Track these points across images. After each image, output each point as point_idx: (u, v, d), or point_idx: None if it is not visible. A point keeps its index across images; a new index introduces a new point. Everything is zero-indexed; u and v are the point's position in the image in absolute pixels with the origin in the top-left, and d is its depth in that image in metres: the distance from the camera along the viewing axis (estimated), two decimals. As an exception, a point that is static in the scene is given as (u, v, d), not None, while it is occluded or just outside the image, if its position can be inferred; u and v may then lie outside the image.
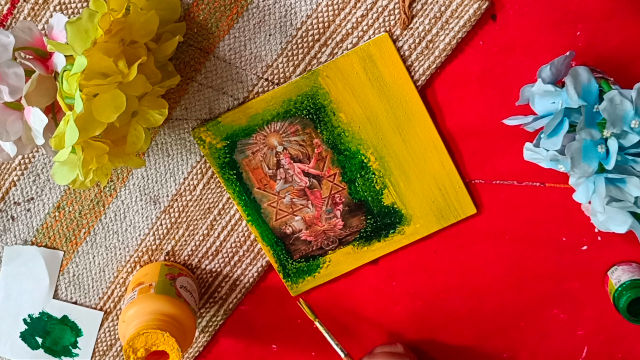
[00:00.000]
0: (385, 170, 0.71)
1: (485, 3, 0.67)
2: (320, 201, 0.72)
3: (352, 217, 0.73)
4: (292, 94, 0.68)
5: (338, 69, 0.67)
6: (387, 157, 0.70)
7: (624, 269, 0.74)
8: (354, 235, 0.73)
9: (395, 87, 0.68)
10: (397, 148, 0.70)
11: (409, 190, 0.71)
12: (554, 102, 0.63)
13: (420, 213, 0.72)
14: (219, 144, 0.70)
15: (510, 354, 0.80)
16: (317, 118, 0.69)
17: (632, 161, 0.61)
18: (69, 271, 0.75)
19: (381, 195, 0.72)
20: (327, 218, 0.72)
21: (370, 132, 0.69)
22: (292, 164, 0.70)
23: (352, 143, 0.70)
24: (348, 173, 0.71)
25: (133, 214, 0.74)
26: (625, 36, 0.68)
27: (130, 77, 0.57)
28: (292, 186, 0.71)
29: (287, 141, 0.70)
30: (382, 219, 0.73)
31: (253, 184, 0.71)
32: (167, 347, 0.66)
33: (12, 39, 0.58)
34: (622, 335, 0.79)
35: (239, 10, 0.67)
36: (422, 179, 0.71)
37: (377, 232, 0.73)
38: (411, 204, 0.72)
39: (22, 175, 0.72)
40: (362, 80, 0.68)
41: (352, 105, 0.69)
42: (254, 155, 0.70)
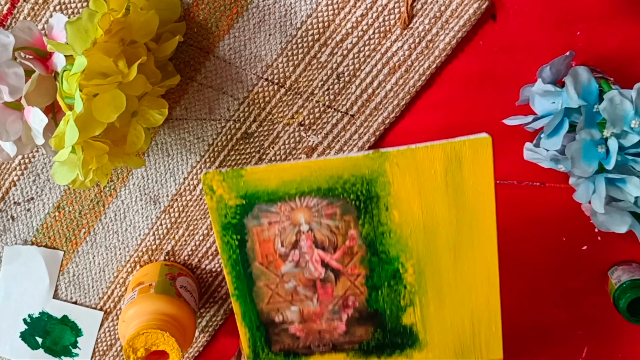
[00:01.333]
0: (419, 287, 0.59)
1: (485, 3, 0.67)
2: (329, 299, 0.61)
3: (359, 325, 0.61)
4: (345, 172, 0.56)
5: (414, 160, 0.55)
6: (428, 274, 0.59)
7: (624, 269, 0.74)
8: (352, 345, 0.62)
9: (472, 203, 0.56)
10: (444, 267, 0.59)
11: (438, 315, 0.60)
12: (554, 102, 0.63)
13: (439, 343, 0.61)
14: (232, 201, 0.57)
15: (511, 354, 0.80)
16: (365, 208, 0.57)
17: (632, 161, 0.61)
18: (69, 271, 0.75)
19: (403, 312, 0.60)
20: (329, 319, 0.61)
21: (421, 241, 0.58)
22: (312, 249, 0.59)
23: (394, 247, 0.58)
24: (375, 278, 0.59)
25: (133, 213, 0.74)
26: (625, 36, 0.68)
27: (130, 77, 0.57)
28: (302, 273, 0.60)
29: (316, 222, 0.58)
30: (393, 337, 0.62)
31: (255, 256, 0.59)
32: (167, 347, 0.66)
33: (12, 39, 0.58)
34: (622, 335, 0.79)
35: (239, 10, 0.67)
36: (458, 309, 0.60)
37: (381, 349, 0.62)
38: (433, 331, 0.61)
39: (22, 175, 0.72)
40: (438, 183, 0.56)
41: (412, 206, 0.57)
42: (269, 226, 0.58)
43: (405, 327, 0.61)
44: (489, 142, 0.54)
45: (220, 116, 0.71)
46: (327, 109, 0.71)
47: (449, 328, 0.61)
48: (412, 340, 0.61)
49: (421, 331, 0.61)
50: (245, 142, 0.72)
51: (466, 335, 0.61)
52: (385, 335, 0.61)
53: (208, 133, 0.71)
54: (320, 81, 0.70)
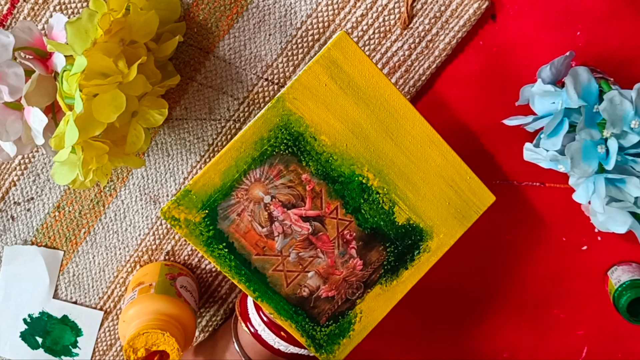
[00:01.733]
0: (388, 185, 0.62)
1: (485, 3, 0.67)
2: (330, 245, 0.62)
3: (369, 251, 0.63)
4: (263, 131, 0.59)
5: (304, 87, 0.59)
6: (386, 169, 0.62)
7: (624, 269, 0.74)
8: (378, 272, 0.64)
9: (370, 88, 0.60)
10: (393, 155, 0.62)
11: (420, 198, 0.63)
12: (554, 102, 0.63)
13: (440, 220, 0.64)
14: (197, 217, 0.59)
15: (510, 354, 0.81)
16: (299, 150, 0.60)
17: (632, 161, 0.61)
18: (69, 271, 0.75)
19: (392, 215, 0.63)
20: (343, 262, 0.63)
21: (360, 146, 0.61)
22: (286, 213, 0.61)
23: (344, 166, 0.61)
24: (350, 202, 0.62)
25: (133, 213, 0.74)
26: (625, 36, 0.68)
27: (130, 77, 0.57)
28: (294, 238, 0.62)
29: (273, 188, 0.60)
30: (402, 241, 0.64)
31: (250, 251, 0.61)
32: (167, 347, 0.66)
33: (12, 39, 0.58)
34: (622, 335, 0.79)
35: (239, 10, 0.67)
36: (429, 181, 0.63)
37: (402, 259, 0.64)
38: (427, 214, 0.64)
39: (22, 175, 0.72)
40: (334, 91, 0.59)
41: (331, 123, 0.60)
42: (240, 218, 0.60)
43: (405, 226, 0.63)
44: (346, 35, 0.58)
45: (220, 116, 0.71)
46: (327, 109, 0.71)
47: (437, 202, 0.64)
48: (418, 232, 0.64)
49: (419, 220, 0.64)
50: (245, 142, 0.72)
51: (454, 199, 0.64)
52: (395, 244, 0.64)
53: (208, 133, 0.71)
54: (320, 81, 0.70)
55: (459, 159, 0.63)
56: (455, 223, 0.64)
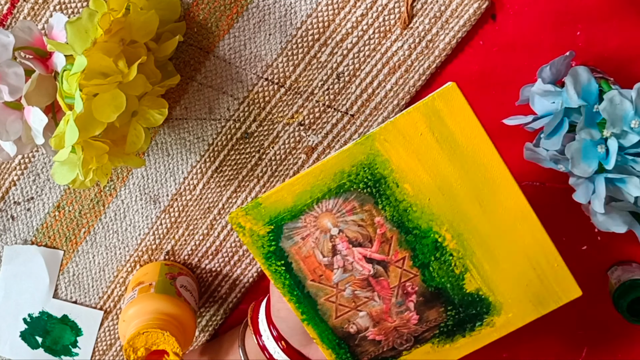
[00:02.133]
0: (465, 250, 0.59)
1: (485, 3, 0.67)
2: (388, 292, 0.60)
3: (428, 309, 0.60)
4: (345, 165, 0.57)
5: (398, 130, 0.56)
6: (467, 234, 0.58)
7: (624, 269, 0.74)
8: (432, 332, 0.61)
9: (470, 148, 0.56)
10: (478, 222, 0.58)
11: (497, 272, 0.59)
12: (553, 102, 0.63)
13: (512, 300, 0.60)
14: (262, 230, 0.58)
15: (510, 354, 0.80)
16: (377, 192, 0.57)
17: (632, 161, 0.61)
18: (68, 270, 0.75)
19: (462, 280, 0.60)
20: (398, 312, 0.61)
21: (444, 204, 0.57)
22: (350, 249, 0.59)
23: (422, 219, 0.58)
24: (420, 256, 0.59)
25: (133, 213, 0.74)
26: (625, 36, 0.68)
27: (130, 77, 0.57)
28: (353, 275, 0.60)
29: (342, 222, 0.58)
30: (466, 309, 0.60)
31: (306, 275, 0.60)
32: (167, 347, 0.66)
33: (12, 39, 0.58)
34: (622, 335, 0.79)
35: (239, 10, 0.67)
36: (512, 258, 0.59)
37: (461, 326, 0.61)
38: (500, 290, 0.60)
39: (22, 175, 0.72)
40: (429, 143, 0.56)
41: (418, 174, 0.57)
42: (304, 242, 0.59)
43: (472, 295, 0.60)
44: (455, 87, 0.55)
45: (220, 116, 0.71)
46: (327, 109, 0.71)
47: (514, 281, 0.60)
48: (486, 305, 0.60)
49: (489, 294, 0.60)
50: (245, 141, 0.72)
51: (534, 282, 0.60)
52: (457, 310, 0.61)
53: (208, 133, 0.71)
54: (320, 81, 0.70)
55: (550, 243, 0.59)
56: (530, 307, 0.60)
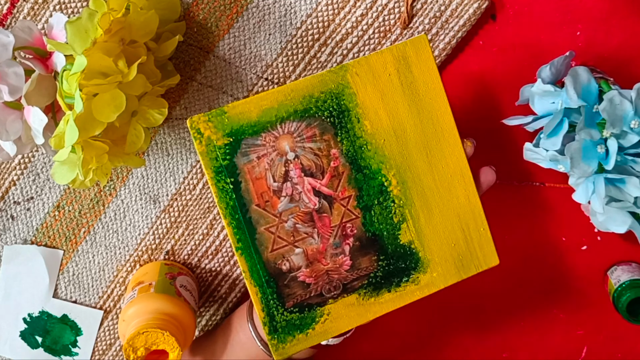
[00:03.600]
0: (406, 199, 0.60)
1: (485, 3, 0.67)
2: (328, 230, 0.60)
3: (362, 255, 0.61)
4: (315, 90, 0.58)
5: (370, 67, 0.59)
6: (410, 182, 0.60)
7: (624, 269, 0.74)
8: (361, 281, 0.61)
9: (427, 99, 0.59)
10: (422, 172, 0.60)
11: (430, 226, 0.61)
12: (553, 102, 0.63)
13: (439, 258, 0.62)
14: (220, 141, 0.58)
15: (510, 354, 0.81)
16: (339, 123, 0.59)
17: (631, 161, 0.61)
18: (68, 270, 0.76)
19: (398, 230, 0.61)
20: (333, 254, 0.61)
21: (395, 148, 0.60)
22: (302, 178, 0.59)
23: (374, 160, 0.60)
24: (365, 197, 0.60)
25: (133, 213, 0.74)
26: (625, 36, 0.68)
27: (130, 77, 0.57)
28: (298, 207, 0.60)
29: (300, 147, 0.59)
30: (396, 261, 0.61)
31: (252, 199, 0.59)
32: (167, 346, 0.66)
33: (12, 39, 0.58)
34: (622, 335, 0.79)
35: (238, 10, 0.67)
36: (445, 214, 0.61)
37: (388, 280, 0.62)
38: (430, 245, 0.61)
39: (21, 175, 0.72)
40: (394, 85, 0.59)
41: (379, 113, 0.59)
42: (259, 161, 0.59)
43: (405, 247, 0.61)
44: (425, 39, 0.59)
45: (220, 116, 0.71)
46: (327, 109, 0.71)
47: (444, 238, 0.62)
48: (415, 260, 0.62)
49: (420, 248, 0.61)
50: (245, 141, 0.72)
51: (460, 243, 0.62)
52: (388, 261, 0.61)
53: (208, 133, 0.71)
54: (320, 81, 0.70)
55: (480, 206, 0.62)
56: (452, 268, 0.62)
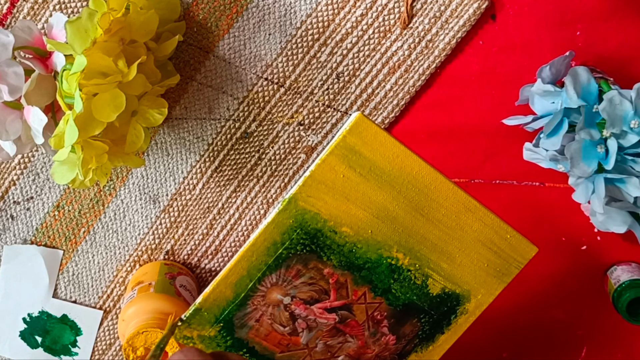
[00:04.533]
0: (420, 261, 0.58)
1: (485, 3, 0.67)
2: (359, 329, 0.59)
3: (402, 325, 0.59)
4: (275, 235, 0.55)
5: (318, 182, 0.54)
6: (417, 246, 0.57)
7: (623, 269, 0.74)
8: (412, 343, 0.60)
9: (395, 169, 0.55)
10: (425, 231, 0.57)
11: (456, 267, 0.59)
12: (553, 102, 0.63)
13: (477, 283, 0.60)
14: (211, 332, 0.57)
15: (510, 354, 0.80)
16: (317, 247, 0.55)
17: (631, 161, 0.61)
18: (68, 270, 0.75)
19: (426, 288, 0.59)
20: (374, 341, 0.60)
21: (386, 230, 0.56)
22: (309, 309, 0.57)
23: (369, 252, 0.56)
24: (379, 285, 0.58)
25: (132, 213, 0.74)
26: (625, 36, 0.68)
27: (130, 77, 0.57)
28: (320, 330, 0.58)
29: (292, 288, 0.56)
30: (437, 309, 0.60)
31: (273, 351, 0.58)
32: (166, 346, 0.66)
33: (11, 38, 0.58)
34: (622, 335, 0.79)
35: (238, 10, 0.67)
36: (466, 248, 0.59)
37: (438, 326, 0.61)
38: (464, 280, 0.59)
39: (21, 175, 0.72)
40: (353, 180, 0.54)
41: (352, 213, 0.55)
42: (259, 323, 0.57)
43: (440, 295, 0.59)
44: (362, 117, 0.53)
45: (219, 115, 0.71)
46: (327, 109, 0.71)
47: (474, 266, 0.59)
48: (454, 299, 0.60)
49: (454, 287, 0.59)
50: (245, 141, 0.72)
51: (492, 260, 0.59)
52: (429, 315, 0.60)
53: (208, 132, 0.71)
54: (320, 81, 0.70)
55: (497, 220, 0.59)
56: (495, 281, 0.60)
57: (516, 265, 0.60)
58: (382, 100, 0.70)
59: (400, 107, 0.70)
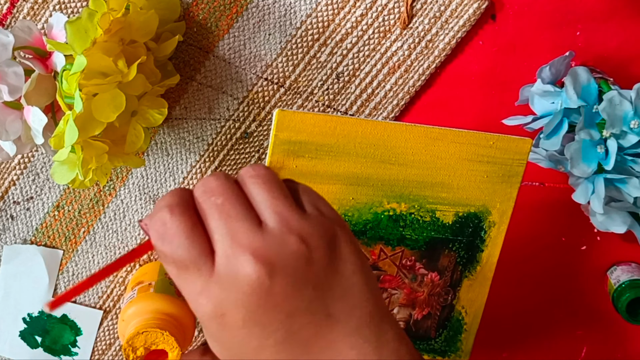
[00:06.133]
0: (417, 202, 0.58)
1: (485, 3, 0.67)
2: (397, 280, 0.60)
3: (437, 260, 0.61)
4: None
5: None
6: (406, 191, 0.58)
7: (623, 269, 0.74)
8: (456, 270, 0.61)
9: (340, 138, 0.56)
10: (404, 175, 0.57)
11: (455, 191, 0.59)
12: (553, 103, 0.63)
13: (488, 196, 0.59)
14: None
15: (510, 354, 0.81)
16: None
17: (631, 162, 0.61)
18: (68, 270, 0.75)
19: (438, 220, 0.59)
20: (419, 284, 0.61)
21: (366, 190, 0.57)
22: None
23: (363, 215, 0.58)
24: (390, 237, 0.59)
25: (132, 213, 0.74)
26: (625, 36, 0.68)
27: (130, 77, 0.57)
28: None
29: None
30: (462, 233, 0.60)
31: None
32: (166, 346, 0.66)
33: (11, 38, 0.58)
34: (622, 335, 0.79)
35: (238, 10, 0.67)
36: (455, 172, 0.58)
37: (473, 246, 0.61)
38: (471, 198, 0.59)
39: (21, 175, 0.72)
40: (307, 165, 0.56)
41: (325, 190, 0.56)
42: None
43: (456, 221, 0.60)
44: (282, 111, 0.55)
45: (219, 116, 0.71)
46: (327, 109, 0.71)
47: (476, 183, 0.59)
48: (474, 218, 0.60)
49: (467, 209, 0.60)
50: (245, 141, 0.72)
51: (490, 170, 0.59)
52: (458, 240, 0.60)
53: (207, 132, 0.71)
54: (320, 81, 0.70)
55: (472, 133, 0.58)
56: (505, 187, 0.59)
57: (518, 163, 0.60)
58: (382, 100, 0.70)
59: (400, 107, 0.70)
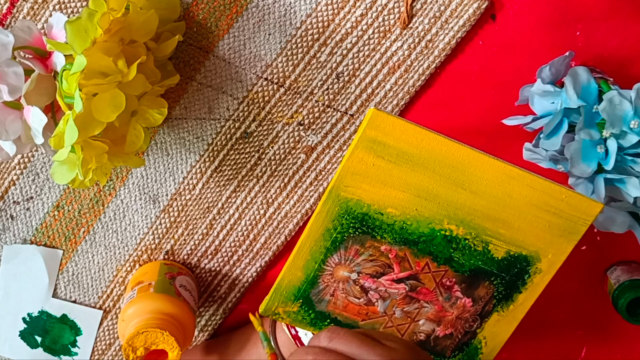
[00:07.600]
0: (476, 230, 0.59)
1: (485, 3, 0.67)
2: (432, 295, 0.61)
3: (475, 289, 0.61)
4: (327, 223, 0.58)
5: (352, 173, 0.56)
6: (469, 217, 0.58)
7: (623, 269, 0.74)
8: (490, 303, 0.62)
9: (423, 152, 0.56)
10: (471, 203, 0.58)
11: (515, 231, 0.59)
12: (553, 102, 0.63)
13: (544, 244, 0.60)
14: (294, 307, 0.62)
15: (510, 354, 0.81)
16: (368, 228, 0.58)
17: (631, 161, 0.61)
18: (68, 270, 0.75)
19: (489, 253, 0.60)
20: (451, 304, 0.62)
21: (432, 206, 0.58)
22: (377, 281, 0.60)
23: (421, 227, 0.58)
24: (439, 255, 0.60)
25: (132, 213, 0.74)
26: (625, 36, 0.68)
27: (130, 77, 0.57)
28: (394, 299, 0.61)
29: (355, 265, 0.60)
30: (508, 271, 0.61)
31: (355, 320, 0.62)
32: (166, 346, 0.66)
33: (11, 38, 0.58)
34: (622, 335, 0.79)
35: (238, 10, 0.67)
36: (520, 214, 0.58)
37: (513, 286, 0.61)
38: (527, 242, 0.59)
39: (21, 175, 0.72)
40: (385, 168, 0.56)
41: (393, 195, 0.57)
42: (335, 297, 0.61)
43: (506, 258, 0.60)
44: (376, 111, 0.54)
45: (219, 115, 0.71)
46: (327, 109, 0.71)
47: (536, 230, 0.59)
48: (523, 260, 0.60)
49: (520, 250, 0.60)
50: (245, 141, 0.72)
51: (554, 221, 0.59)
52: (501, 277, 0.61)
53: (207, 132, 0.71)
54: (320, 81, 0.70)
55: (548, 183, 0.58)
56: (562, 241, 0.60)
57: (582, 222, 0.59)
58: (382, 100, 0.70)
59: (400, 107, 0.70)
